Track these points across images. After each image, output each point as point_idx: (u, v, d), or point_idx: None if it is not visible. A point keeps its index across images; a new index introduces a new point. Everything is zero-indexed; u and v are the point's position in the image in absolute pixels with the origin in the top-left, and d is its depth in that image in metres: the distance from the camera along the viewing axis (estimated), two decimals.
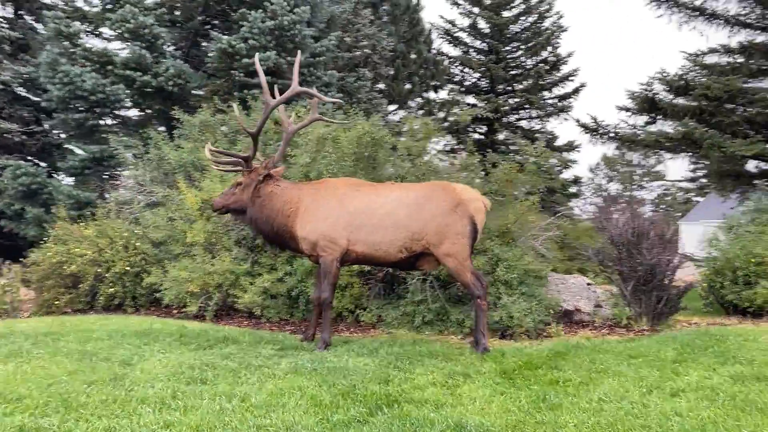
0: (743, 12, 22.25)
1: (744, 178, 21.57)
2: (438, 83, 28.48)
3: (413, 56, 27.02)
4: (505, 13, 28.16)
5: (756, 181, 21.86)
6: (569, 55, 28.18)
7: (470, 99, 29.28)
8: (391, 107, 27.09)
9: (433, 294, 7.78)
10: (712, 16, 22.55)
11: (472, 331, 7.57)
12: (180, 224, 9.52)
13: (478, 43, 29.19)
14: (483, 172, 9.63)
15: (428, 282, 7.89)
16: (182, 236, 9.53)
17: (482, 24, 28.57)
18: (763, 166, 21.36)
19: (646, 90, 21.19)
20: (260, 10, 13.61)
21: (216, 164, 7.00)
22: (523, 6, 28.04)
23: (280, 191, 6.49)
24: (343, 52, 20.69)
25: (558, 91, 28.67)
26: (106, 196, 13.81)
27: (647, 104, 21.51)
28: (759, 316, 9.44)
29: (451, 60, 28.95)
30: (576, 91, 28.45)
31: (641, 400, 4.48)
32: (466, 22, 28.76)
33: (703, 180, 54.15)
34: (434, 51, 28.71)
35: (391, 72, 25.66)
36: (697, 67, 20.74)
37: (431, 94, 28.91)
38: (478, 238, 6.47)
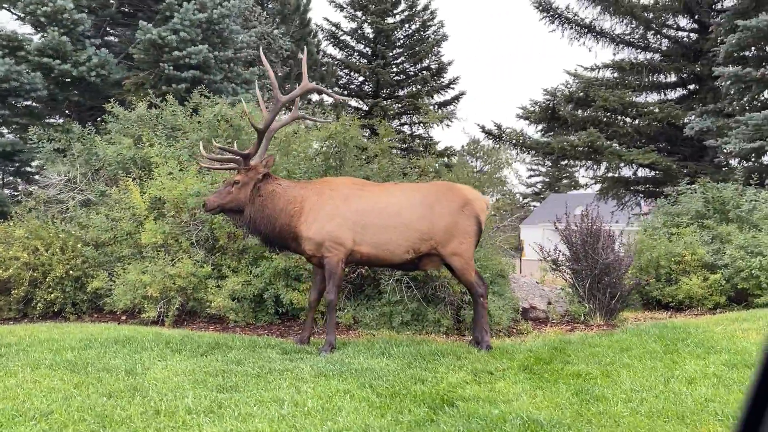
0: (627, 31, 24.28)
1: (631, 183, 23.50)
2: (326, 85, 28.43)
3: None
4: (389, 19, 28.61)
5: (635, 187, 23.92)
6: (449, 63, 29.19)
7: (353, 102, 29.63)
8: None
9: (410, 294, 7.85)
10: (600, 34, 24.37)
11: (449, 330, 7.79)
12: (127, 225, 8.92)
13: (362, 47, 29.51)
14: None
15: (404, 282, 7.94)
16: (126, 237, 8.94)
17: (367, 29, 28.90)
18: (643, 173, 23.35)
19: (549, 100, 22.48)
20: (192, 1, 13.02)
21: (210, 162, 6.65)
22: (406, 13, 28.68)
23: (282, 190, 6.27)
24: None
25: (439, 98, 29.55)
26: (17, 192, 12.64)
27: (548, 113, 22.84)
28: (680, 310, 10.35)
29: (337, 63, 29.05)
30: (456, 98, 29.49)
31: (668, 389, 4.80)
32: (351, 25, 28.94)
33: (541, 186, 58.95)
34: (322, 53, 28.71)
35: (284, 72, 25.23)
36: (596, 81, 22.26)
37: (316, 96, 28.81)
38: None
